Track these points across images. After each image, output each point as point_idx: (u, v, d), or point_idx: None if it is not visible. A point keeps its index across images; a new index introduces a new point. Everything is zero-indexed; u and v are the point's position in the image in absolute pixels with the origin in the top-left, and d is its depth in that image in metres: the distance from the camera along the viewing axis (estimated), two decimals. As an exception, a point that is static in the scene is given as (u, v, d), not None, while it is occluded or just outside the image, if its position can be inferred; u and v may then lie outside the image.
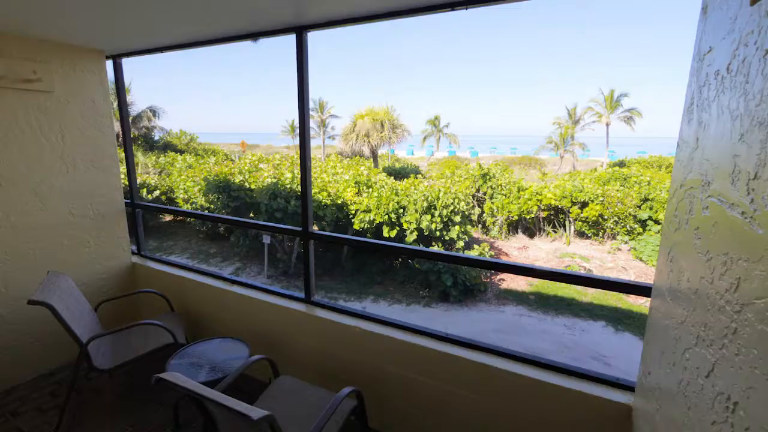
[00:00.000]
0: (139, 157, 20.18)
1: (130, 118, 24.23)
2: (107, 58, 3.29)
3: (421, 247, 2.26)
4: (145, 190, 15.64)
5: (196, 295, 3.20)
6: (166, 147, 28.32)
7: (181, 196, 15.24)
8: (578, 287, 10.83)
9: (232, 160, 22.18)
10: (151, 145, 27.15)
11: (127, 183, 3.78)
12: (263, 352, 2.80)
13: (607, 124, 31.61)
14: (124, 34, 2.73)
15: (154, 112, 25.02)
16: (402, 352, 2.28)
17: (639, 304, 9.92)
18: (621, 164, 31.47)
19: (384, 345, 2.34)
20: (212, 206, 12.90)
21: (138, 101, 24.61)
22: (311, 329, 2.62)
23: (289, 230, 2.73)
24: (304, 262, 2.68)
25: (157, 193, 16.07)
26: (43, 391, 2.77)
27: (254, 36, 2.55)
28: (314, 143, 46.27)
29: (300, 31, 2.37)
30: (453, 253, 2.08)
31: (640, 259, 12.87)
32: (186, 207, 15.08)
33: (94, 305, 2.89)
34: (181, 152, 25.81)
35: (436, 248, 10.55)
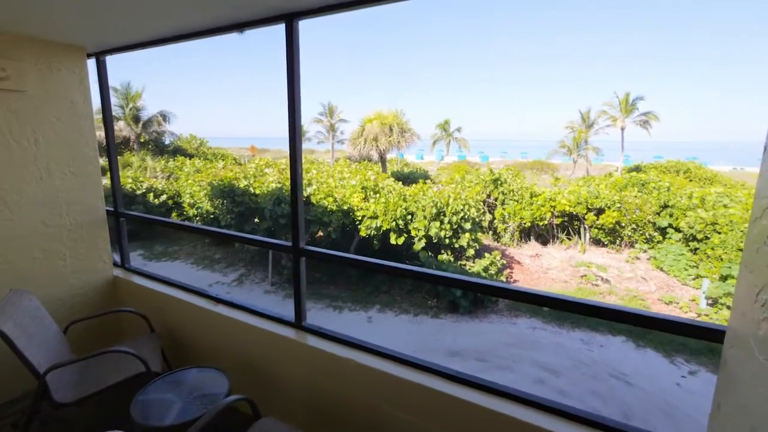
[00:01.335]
0: (148, 161, 20.25)
1: (141, 123, 24.42)
2: (89, 56, 3.05)
3: (426, 270, 1.92)
4: (152, 194, 15.62)
5: (179, 314, 2.91)
6: (177, 151, 28.53)
7: (188, 200, 15.16)
8: (595, 299, 10.32)
9: (240, 164, 22.16)
10: (161, 149, 27.34)
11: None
12: (246, 384, 2.49)
13: (622, 128, 30.84)
14: (104, 28, 2.49)
15: (164, 116, 25.19)
16: (403, 392, 1.94)
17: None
18: (637, 169, 30.68)
19: (382, 382, 2.00)
20: (218, 211, 12.73)
21: (149, 106, 24.83)
22: (300, 359, 2.30)
23: (278, 245, 2.42)
24: (293, 281, 2.37)
25: (163, 197, 16.03)
26: (5, 421, 2.50)
27: (240, 27, 2.27)
28: (324, 148, 46.21)
29: (290, 19, 2.07)
30: (462, 276, 1.73)
31: (661, 269, 12.28)
32: (192, 212, 14.98)
33: (65, 325, 2.62)
34: (191, 156, 25.94)
35: (444, 266, 10.16)
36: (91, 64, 3.08)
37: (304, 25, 2.18)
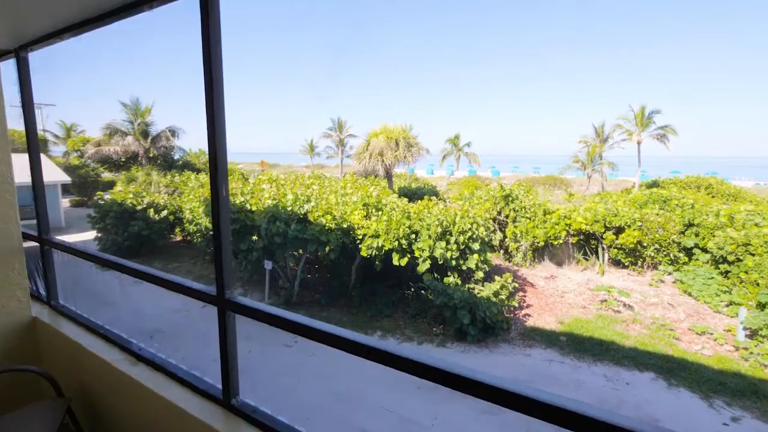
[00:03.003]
0: (153, 176, 20.11)
1: (150, 138, 24.47)
2: (7, 53, 2.54)
3: (379, 343, 1.25)
4: (152, 210, 15.30)
5: (96, 373, 2.29)
6: (185, 166, 28.51)
7: (187, 216, 14.79)
8: (618, 327, 9.40)
9: (246, 179, 21.88)
10: (170, 164, 27.34)
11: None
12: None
13: (638, 143, 29.83)
14: (10, 15, 1.98)
15: (173, 131, 25.24)
16: None
17: (694, 351, 8.39)
18: (655, 184, 29.53)
19: None
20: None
21: (158, 121, 24.91)
22: (223, 459, 1.63)
23: (200, 293, 1.79)
24: (220, 343, 1.72)
25: (164, 213, 15.71)
26: None
27: (149, 2, 1.70)
28: (333, 162, 46.21)
29: (206, -15, 1.49)
30: (422, 360, 1.05)
31: (689, 294, 11.26)
32: (192, 228, 14.57)
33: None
34: (199, 171, 25.82)
35: (450, 290, 9.42)
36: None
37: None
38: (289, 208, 9.54)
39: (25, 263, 2.65)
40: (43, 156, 21.97)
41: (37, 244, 2.81)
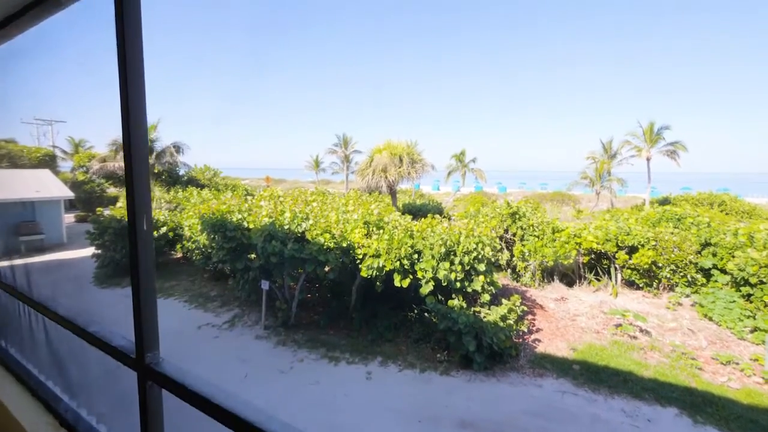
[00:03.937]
0: (156, 192, 20.03)
1: (154, 154, 24.54)
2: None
3: None
4: (152, 226, 15.05)
5: (15, 437, 1.89)
6: (190, 182, 28.54)
7: (186, 233, 14.54)
8: (635, 355, 8.77)
9: (251, 195, 21.70)
10: (175, 180, 27.40)
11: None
12: None
13: (648, 159, 29.30)
14: None
15: (177, 148, 25.32)
16: None
17: (720, 383, 7.74)
18: (666, 201, 28.89)
19: None
20: (214, 245, 11.95)
21: (163, 137, 25.05)
22: None
23: (117, 351, 1.41)
24: (141, 422, 1.32)
25: (164, 229, 15.49)
26: None
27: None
28: (339, 178, 46.20)
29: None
30: None
31: (709, 318, 10.59)
32: (190, 245, 14.30)
33: None
34: (203, 187, 25.80)
35: (454, 314, 8.91)
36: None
37: None
38: (287, 227, 9.20)
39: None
40: (48, 172, 22.09)
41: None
